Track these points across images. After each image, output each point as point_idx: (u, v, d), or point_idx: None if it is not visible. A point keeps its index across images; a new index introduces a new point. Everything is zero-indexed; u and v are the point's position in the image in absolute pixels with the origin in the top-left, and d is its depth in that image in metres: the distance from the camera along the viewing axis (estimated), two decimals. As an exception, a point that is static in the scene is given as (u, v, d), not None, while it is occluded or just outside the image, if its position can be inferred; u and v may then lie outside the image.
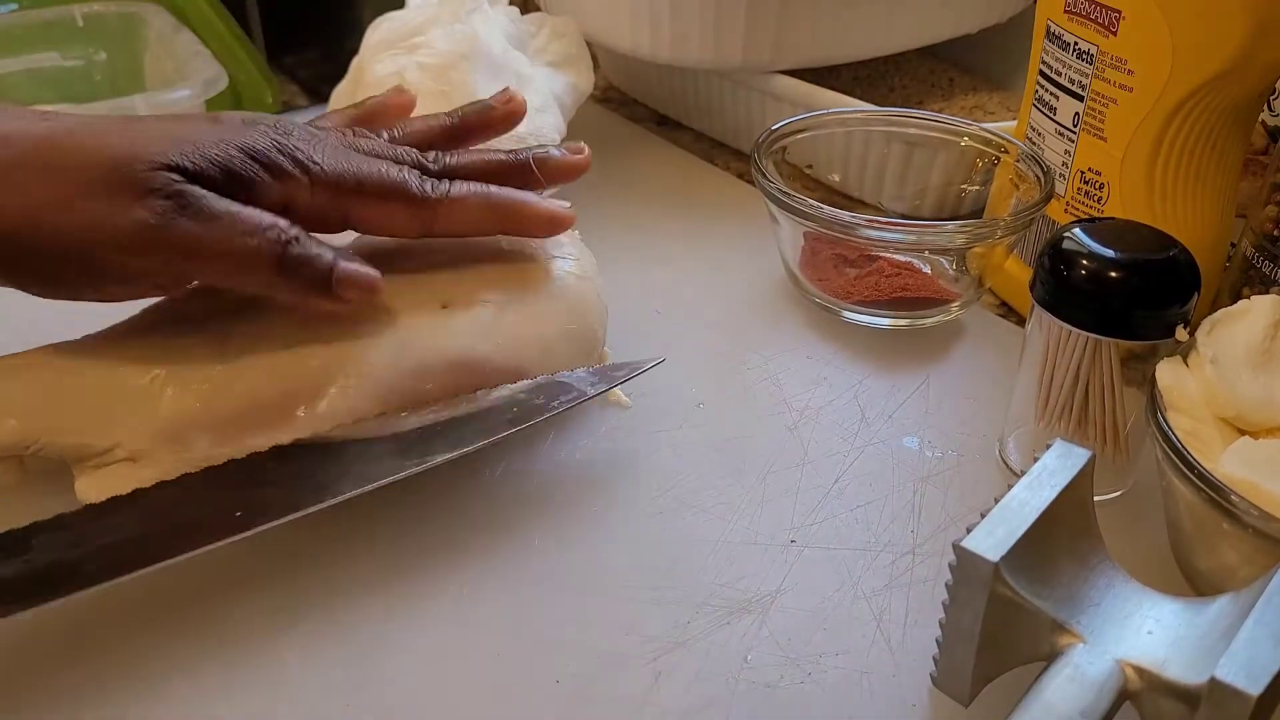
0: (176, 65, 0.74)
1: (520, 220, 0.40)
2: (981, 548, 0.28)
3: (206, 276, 0.35)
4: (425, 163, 0.40)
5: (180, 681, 0.32)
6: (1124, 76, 0.42)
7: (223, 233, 0.33)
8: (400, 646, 0.33)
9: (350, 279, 0.36)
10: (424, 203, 0.38)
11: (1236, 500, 0.29)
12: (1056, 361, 0.37)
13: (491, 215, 0.40)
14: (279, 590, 0.35)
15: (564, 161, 0.43)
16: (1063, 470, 0.30)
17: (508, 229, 0.40)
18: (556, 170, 0.43)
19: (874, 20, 0.60)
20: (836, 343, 0.47)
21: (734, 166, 0.64)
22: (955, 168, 0.53)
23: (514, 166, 0.42)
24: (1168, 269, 0.35)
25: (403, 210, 0.38)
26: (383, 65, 0.55)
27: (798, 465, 0.40)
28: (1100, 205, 0.45)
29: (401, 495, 0.38)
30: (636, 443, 0.41)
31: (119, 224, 0.32)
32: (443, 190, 0.39)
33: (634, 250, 0.46)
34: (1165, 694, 0.26)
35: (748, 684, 0.32)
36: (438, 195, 0.38)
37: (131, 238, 0.33)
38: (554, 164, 0.43)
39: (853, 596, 0.35)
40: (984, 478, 0.40)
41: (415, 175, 0.39)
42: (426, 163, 0.40)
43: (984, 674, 0.29)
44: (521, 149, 0.43)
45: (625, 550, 0.36)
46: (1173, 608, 0.28)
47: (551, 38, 0.60)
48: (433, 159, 0.40)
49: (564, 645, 0.33)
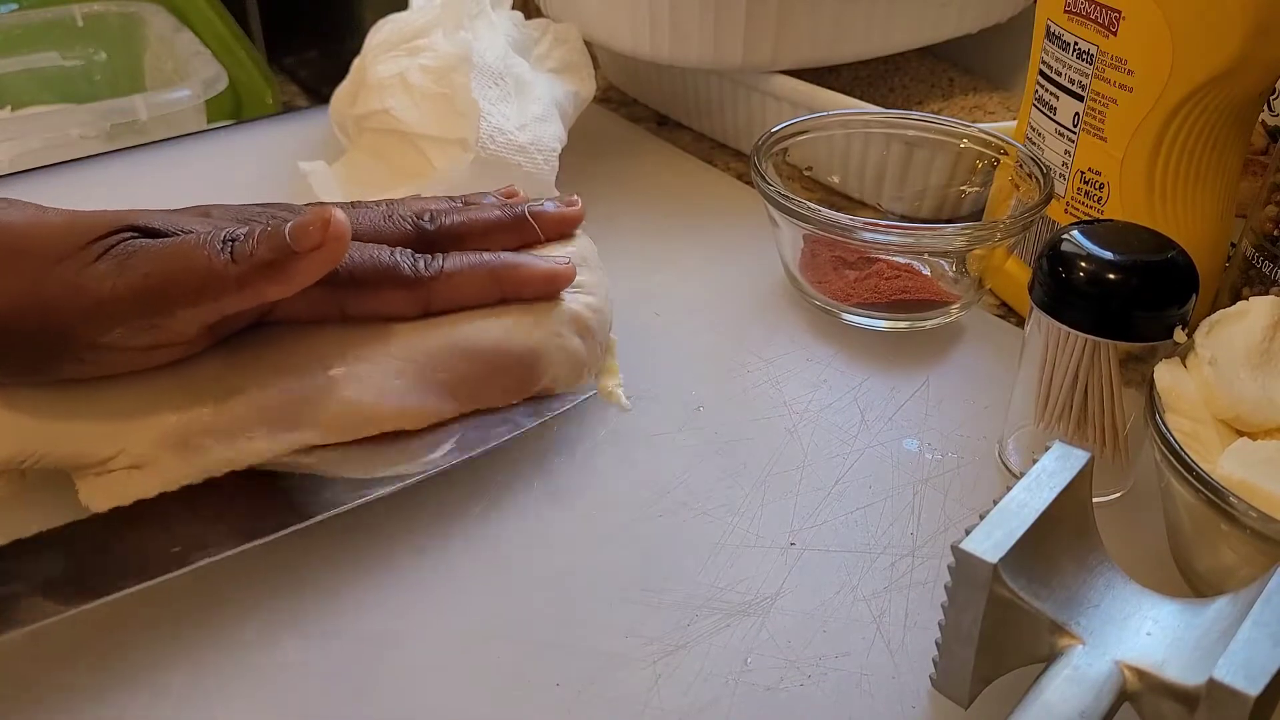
0: (176, 65, 0.74)
1: (519, 285, 0.40)
2: (980, 549, 0.28)
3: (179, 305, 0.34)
4: (422, 224, 0.40)
5: (180, 682, 0.32)
6: (1124, 76, 0.42)
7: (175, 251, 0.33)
8: (400, 648, 0.33)
9: (301, 225, 0.34)
10: (418, 283, 0.38)
11: (1235, 501, 0.29)
12: (1055, 363, 0.37)
13: (490, 283, 0.39)
14: (278, 591, 0.35)
15: (559, 215, 0.43)
16: (1062, 472, 0.30)
17: (507, 294, 0.40)
18: (552, 223, 0.43)
19: (874, 20, 0.60)
20: (836, 345, 0.47)
21: (734, 167, 0.64)
22: (955, 169, 0.53)
23: (511, 222, 0.42)
24: (1166, 270, 0.35)
25: (398, 295, 0.38)
26: (384, 67, 0.55)
27: (797, 467, 0.40)
28: (1100, 205, 0.45)
29: (401, 496, 0.38)
30: (636, 445, 0.41)
31: (82, 282, 0.33)
32: (436, 267, 0.38)
33: (633, 252, 0.46)
34: (1164, 695, 0.26)
35: (747, 686, 0.32)
36: (431, 273, 0.38)
37: (98, 288, 0.33)
38: (549, 218, 0.43)
39: (852, 599, 0.35)
40: (983, 479, 0.40)
41: (407, 256, 0.38)
42: (423, 224, 0.40)
43: (983, 675, 0.29)
44: (516, 204, 0.43)
45: (625, 552, 0.36)
46: (1172, 609, 0.29)
47: (554, 44, 0.60)
48: (429, 219, 0.40)
49: (564, 647, 0.33)
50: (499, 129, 0.51)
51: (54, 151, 0.65)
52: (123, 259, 0.33)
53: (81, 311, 0.33)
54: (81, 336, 0.33)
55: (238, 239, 0.34)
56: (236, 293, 0.34)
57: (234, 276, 0.33)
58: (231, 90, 0.75)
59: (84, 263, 0.33)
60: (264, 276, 0.34)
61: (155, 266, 0.33)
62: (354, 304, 0.38)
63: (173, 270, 0.33)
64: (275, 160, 0.61)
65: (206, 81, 0.70)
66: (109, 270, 0.33)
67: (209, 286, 0.33)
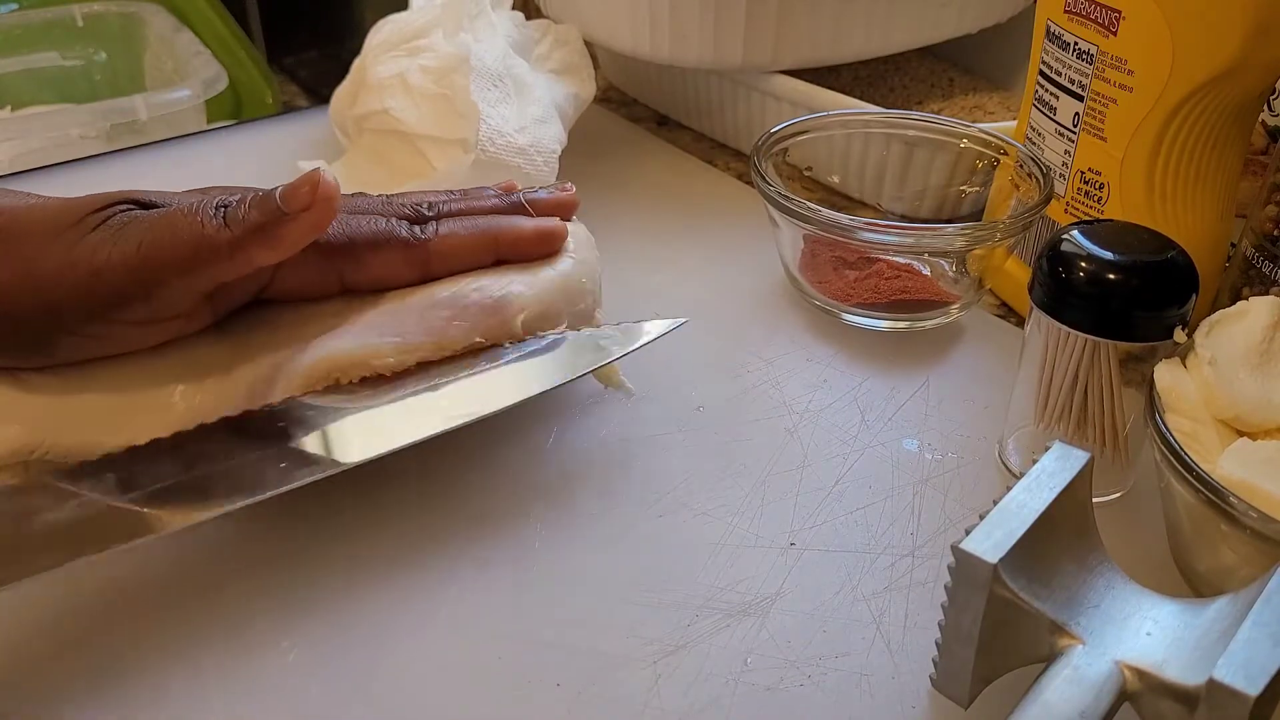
0: (176, 65, 0.74)
1: (514, 244, 0.40)
2: (980, 549, 0.28)
3: (172, 272, 0.34)
4: (420, 210, 0.40)
5: (180, 682, 0.32)
6: (1124, 76, 0.42)
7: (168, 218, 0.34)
8: (400, 649, 0.33)
9: (291, 187, 0.35)
10: (416, 245, 0.38)
11: (1235, 502, 0.29)
12: (1055, 363, 0.37)
13: (486, 243, 0.40)
14: (278, 591, 0.35)
15: (554, 200, 0.43)
16: (1062, 472, 0.30)
17: (503, 254, 0.40)
18: (547, 209, 0.43)
19: (874, 20, 0.60)
20: (836, 345, 0.47)
21: (734, 167, 0.64)
22: (955, 169, 0.53)
23: (508, 209, 0.42)
24: (1166, 270, 0.35)
25: (397, 257, 0.38)
26: (384, 67, 0.55)
27: (797, 468, 0.40)
28: (1100, 205, 0.45)
29: (400, 496, 0.38)
30: (636, 445, 0.41)
31: (77, 255, 0.33)
32: (432, 230, 0.39)
33: (633, 252, 0.46)
34: (1164, 695, 0.26)
35: (748, 686, 0.32)
36: (428, 235, 0.39)
37: (92, 258, 0.33)
38: (545, 204, 0.43)
39: (852, 599, 0.35)
40: (983, 479, 0.40)
41: (404, 224, 0.39)
42: (421, 210, 0.40)
43: (983, 675, 0.29)
44: (512, 192, 0.44)
45: (625, 553, 0.36)
46: (1171, 609, 0.29)
47: (555, 45, 0.60)
48: (426, 206, 0.41)
49: (564, 648, 0.33)
50: (498, 131, 0.51)
51: (54, 151, 0.65)
52: (117, 229, 0.34)
53: (76, 284, 0.33)
54: (78, 310, 0.33)
55: (229, 205, 0.35)
56: (229, 258, 0.34)
57: (226, 241, 0.34)
58: (231, 90, 0.75)
59: (79, 235, 0.33)
60: (255, 241, 0.34)
61: (149, 235, 0.33)
62: (353, 271, 0.38)
63: (166, 238, 0.33)
64: (275, 160, 0.61)
65: (206, 81, 0.70)
66: (103, 239, 0.33)
67: (202, 252, 0.34)
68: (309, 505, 0.37)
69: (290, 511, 0.37)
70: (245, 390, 0.36)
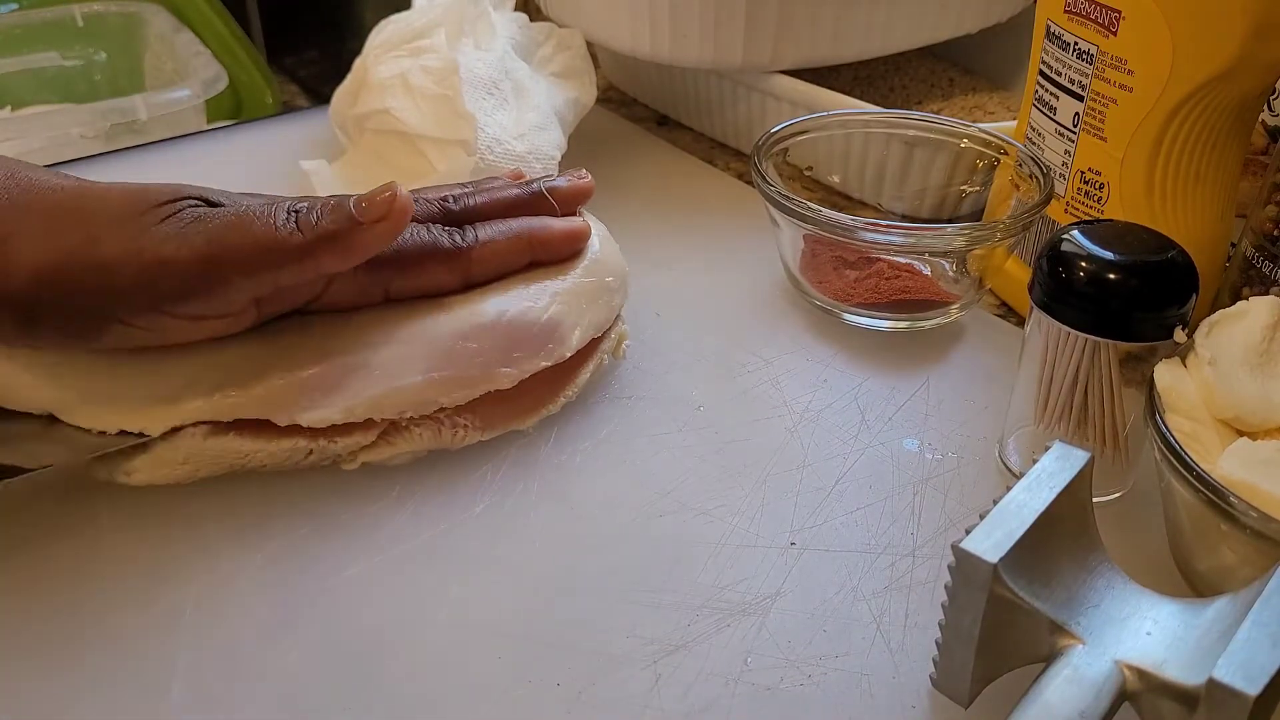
0: (176, 65, 0.74)
1: (547, 245, 0.42)
2: (980, 549, 0.28)
3: (239, 272, 0.34)
4: (448, 205, 0.41)
5: (180, 683, 0.32)
6: (1124, 76, 0.42)
7: (240, 218, 0.34)
8: (400, 649, 0.33)
9: (368, 198, 0.35)
10: (459, 254, 0.39)
11: (1235, 502, 0.29)
12: (1055, 363, 0.37)
13: (522, 247, 0.41)
14: (278, 592, 0.35)
15: (572, 188, 0.45)
16: (1062, 472, 0.30)
17: (538, 257, 0.41)
18: (566, 197, 0.44)
19: (874, 20, 0.60)
20: (836, 345, 0.47)
21: (734, 167, 0.64)
22: (955, 169, 0.53)
23: (530, 199, 0.43)
24: (1166, 271, 0.35)
25: (441, 268, 0.39)
26: (386, 67, 0.55)
27: (798, 467, 0.40)
28: (1100, 205, 0.45)
29: (400, 496, 0.38)
30: (637, 445, 0.41)
31: (143, 244, 0.33)
32: (473, 237, 0.40)
33: (633, 252, 0.46)
34: (1164, 695, 0.26)
35: (748, 686, 0.32)
36: (468, 243, 0.40)
37: (159, 249, 0.33)
38: (564, 192, 0.44)
39: (852, 599, 0.35)
40: (984, 479, 0.40)
41: (443, 231, 0.40)
42: (449, 205, 0.41)
43: (983, 675, 0.29)
44: (532, 181, 0.44)
45: (625, 553, 0.36)
46: (1171, 609, 0.29)
47: (557, 49, 0.60)
48: (454, 200, 0.41)
49: (564, 647, 0.33)
50: (496, 139, 0.51)
51: (54, 151, 0.65)
52: (186, 224, 0.34)
53: (140, 273, 0.33)
54: (138, 298, 0.33)
55: (301, 210, 0.35)
56: (297, 263, 0.34)
57: (297, 245, 0.34)
58: (231, 90, 0.75)
59: (146, 225, 0.33)
60: (326, 248, 0.35)
61: (219, 233, 0.34)
62: (399, 282, 0.39)
63: (237, 237, 0.34)
64: (275, 160, 0.61)
65: (206, 81, 0.70)
66: (172, 233, 0.33)
67: (272, 254, 0.34)
68: (308, 505, 0.37)
69: (290, 511, 0.37)
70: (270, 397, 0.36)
